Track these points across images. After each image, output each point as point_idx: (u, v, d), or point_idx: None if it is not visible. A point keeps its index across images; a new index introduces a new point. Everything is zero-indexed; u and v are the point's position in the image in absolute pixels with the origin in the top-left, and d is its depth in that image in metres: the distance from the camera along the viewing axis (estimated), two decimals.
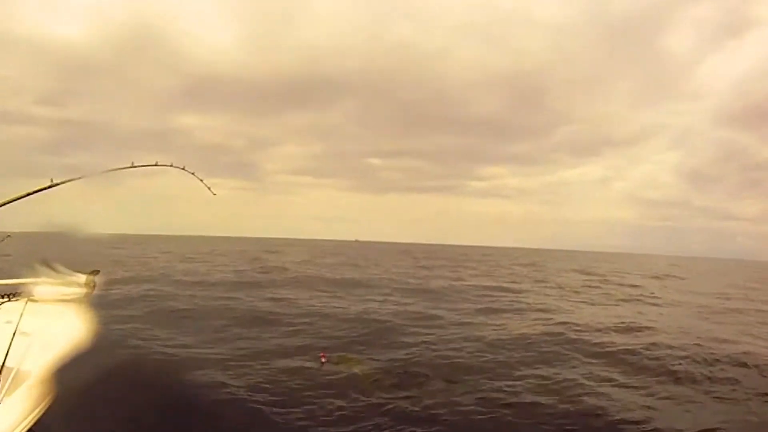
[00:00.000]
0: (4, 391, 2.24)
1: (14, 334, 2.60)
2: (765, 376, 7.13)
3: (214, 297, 12.77)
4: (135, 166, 3.16)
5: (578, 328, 9.96)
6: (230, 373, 6.30)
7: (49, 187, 2.86)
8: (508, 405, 5.52)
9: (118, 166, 3.20)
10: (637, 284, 23.26)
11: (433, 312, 11.55)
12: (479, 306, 13.02)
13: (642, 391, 6.22)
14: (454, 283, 19.75)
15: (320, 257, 37.76)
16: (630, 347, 8.40)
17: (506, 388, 6.07)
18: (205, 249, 45.38)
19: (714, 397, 6.14)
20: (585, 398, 5.80)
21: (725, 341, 9.29)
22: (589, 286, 20.91)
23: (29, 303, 3.15)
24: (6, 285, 3.30)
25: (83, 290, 3.31)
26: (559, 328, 9.85)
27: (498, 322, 10.62)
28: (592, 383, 6.40)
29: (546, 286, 20.18)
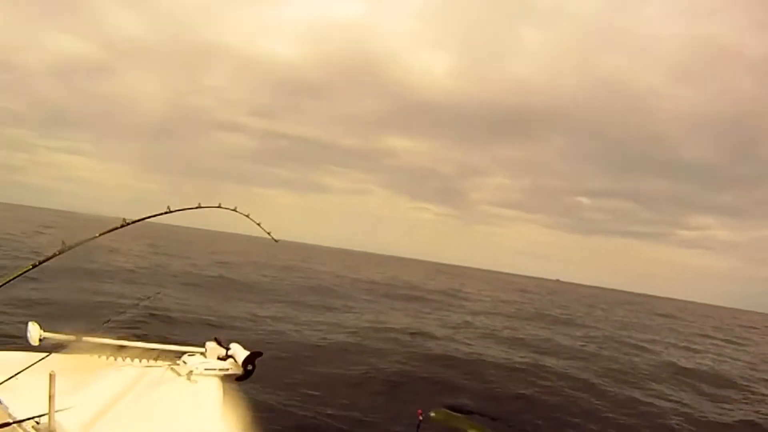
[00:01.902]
0: None
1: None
2: None
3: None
4: (172, 211, 2.83)
5: None
6: None
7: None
8: None
9: (157, 212, 2.93)
10: None
11: None
12: None
13: None
14: None
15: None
16: None
17: None
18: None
19: None
20: None
21: None
22: None
23: (171, 371, 2.97)
24: (154, 349, 3.10)
25: (237, 370, 3.05)
26: None
27: None
28: None
29: None
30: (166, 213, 2.83)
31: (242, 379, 3.10)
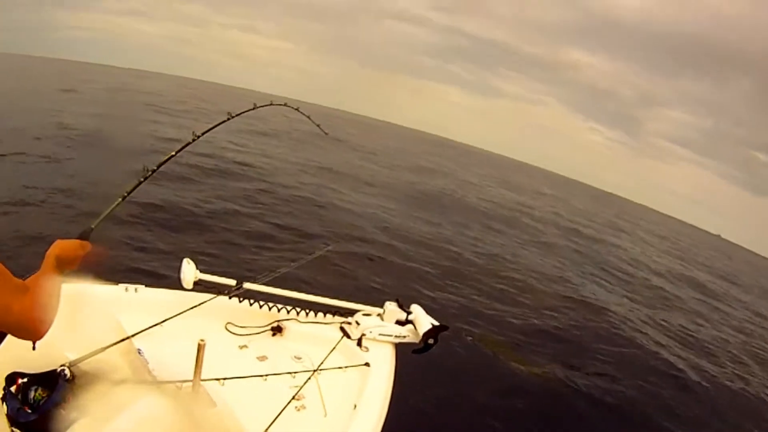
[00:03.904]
0: None
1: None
2: None
3: None
4: (233, 117, 2.55)
5: None
6: None
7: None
8: None
9: (221, 120, 2.65)
10: None
11: None
12: None
13: None
14: None
15: None
16: None
17: None
18: None
19: None
20: None
21: None
22: None
23: (341, 332, 2.84)
24: (324, 305, 2.95)
25: (415, 339, 2.84)
26: None
27: None
28: None
29: None
30: (228, 120, 2.59)
31: (420, 352, 2.79)
